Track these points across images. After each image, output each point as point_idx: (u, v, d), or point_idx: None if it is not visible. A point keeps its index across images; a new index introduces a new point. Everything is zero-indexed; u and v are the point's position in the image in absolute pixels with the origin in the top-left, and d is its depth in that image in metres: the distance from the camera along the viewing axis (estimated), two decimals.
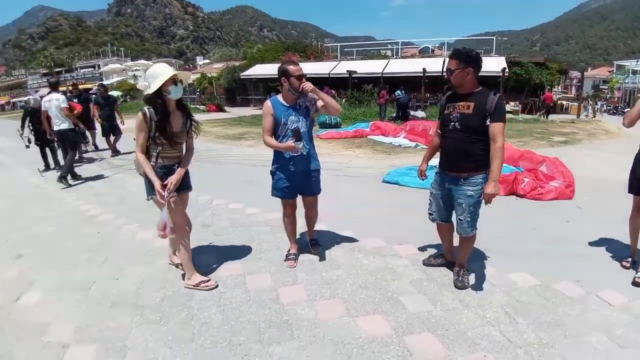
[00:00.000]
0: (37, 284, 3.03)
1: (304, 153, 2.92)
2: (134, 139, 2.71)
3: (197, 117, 3.06)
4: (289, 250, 3.33)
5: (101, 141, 9.48)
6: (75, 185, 6.26)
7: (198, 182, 3.01)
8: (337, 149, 9.07)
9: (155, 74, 2.57)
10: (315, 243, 3.46)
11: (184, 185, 2.80)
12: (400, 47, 31.71)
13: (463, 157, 2.62)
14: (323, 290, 2.80)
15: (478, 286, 2.82)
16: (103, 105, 8.98)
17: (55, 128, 6.37)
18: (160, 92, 2.56)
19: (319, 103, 2.96)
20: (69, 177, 6.32)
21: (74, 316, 2.57)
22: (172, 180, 2.62)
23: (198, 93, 30.57)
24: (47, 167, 7.55)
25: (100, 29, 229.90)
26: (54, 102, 6.27)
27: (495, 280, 2.90)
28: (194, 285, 2.82)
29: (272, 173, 3.13)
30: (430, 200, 2.98)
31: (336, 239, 3.71)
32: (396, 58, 27.10)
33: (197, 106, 24.79)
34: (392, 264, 3.18)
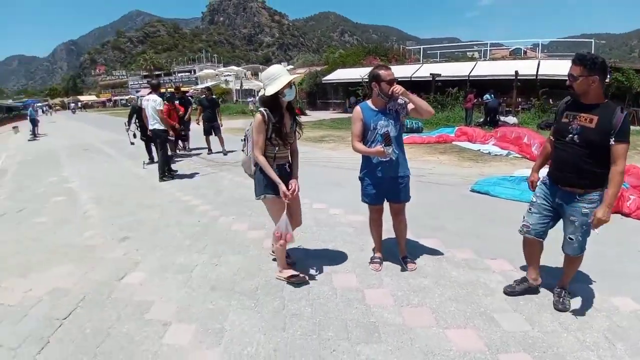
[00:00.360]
0: (142, 265, 3.37)
1: (393, 158, 2.87)
2: (242, 139, 2.91)
3: None
4: (374, 253, 3.32)
5: (196, 140, 10.31)
6: (175, 179, 6.88)
7: None
8: (419, 154, 8.82)
9: (273, 76, 2.65)
10: (409, 261, 3.24)
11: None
12: (488, 48, 29.72)
13: (579, 174, 2.38)
14: (410, 298, 2.75)
15: (579, 309, 2.59)
16: (206, 107, 9.54)
17: (150, 127, 6.99)
18: (276, 94, 2.65)
19: (410, 106, 2.88)
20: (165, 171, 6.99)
21: (177, 297, 2.82)
22: (296, 185, 2.79)
23: None
24: (152, 161, 8.47)
25: (195, 36, 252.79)
26: (150, 103, 6.87)
27: (597, 304, 2.66)
28: (285, 278, 2.96)
29: (361, 179, 3.12)
30: (530, 210, 2.70)
31: (422, 247, 3.61)
32: (484, 60, 25.47)
33: None
34: (484, 279, 3.01)
